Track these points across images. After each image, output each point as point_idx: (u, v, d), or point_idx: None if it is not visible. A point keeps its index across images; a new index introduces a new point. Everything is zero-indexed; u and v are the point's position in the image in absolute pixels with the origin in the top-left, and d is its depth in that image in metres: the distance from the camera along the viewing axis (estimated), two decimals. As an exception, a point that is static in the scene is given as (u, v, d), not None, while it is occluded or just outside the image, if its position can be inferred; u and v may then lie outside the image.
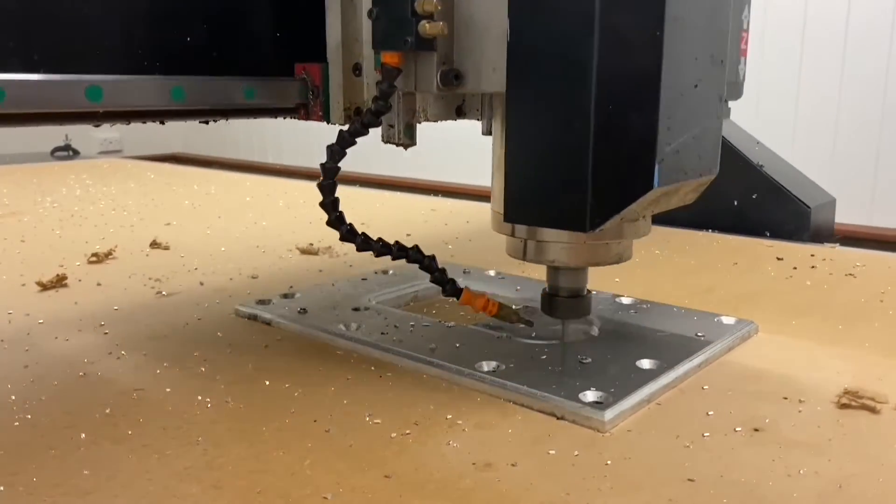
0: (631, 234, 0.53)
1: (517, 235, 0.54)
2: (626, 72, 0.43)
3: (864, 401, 0.49)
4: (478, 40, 0.49)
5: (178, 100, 0.52)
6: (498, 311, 0.59)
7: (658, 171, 0.44)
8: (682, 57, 0.44)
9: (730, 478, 0.41)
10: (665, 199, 0.48)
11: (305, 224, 1.12)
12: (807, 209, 1.04)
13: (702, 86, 0.47)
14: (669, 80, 0.43)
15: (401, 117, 0.52)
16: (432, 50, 0.48)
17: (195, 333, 0.63)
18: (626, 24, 0.43)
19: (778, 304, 0.73)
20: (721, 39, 0.49)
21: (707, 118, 0.48)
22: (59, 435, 0.45)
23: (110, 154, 3.37)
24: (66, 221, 1.15)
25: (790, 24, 2.16)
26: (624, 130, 0.44)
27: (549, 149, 0.46)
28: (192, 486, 0.40)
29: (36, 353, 0.59)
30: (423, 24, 0.47)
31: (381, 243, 0.56)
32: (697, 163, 0.48)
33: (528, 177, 0.47)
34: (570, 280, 0.56)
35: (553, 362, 0.54)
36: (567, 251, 0.52)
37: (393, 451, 0.43)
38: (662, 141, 0.44)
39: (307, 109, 0.57)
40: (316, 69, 0.55)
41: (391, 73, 0.49)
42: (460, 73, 0.50)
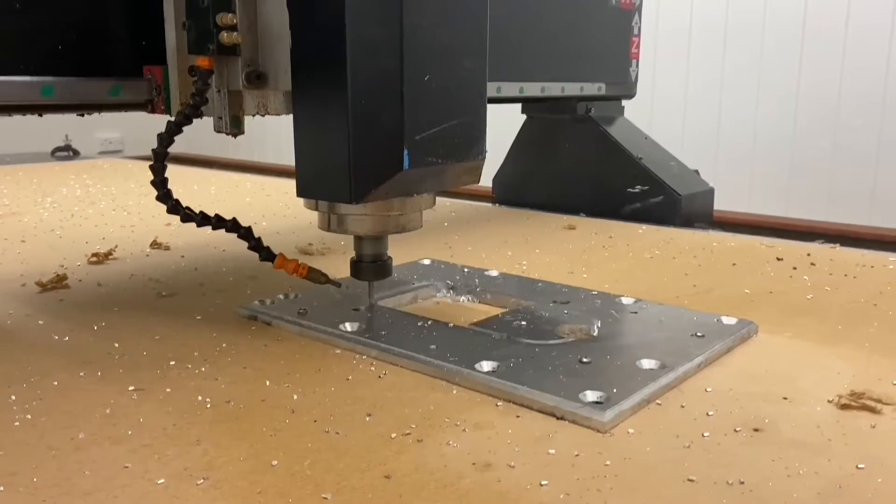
0: (415, 206, 0.63)
1: (320, 210, 0.63)
2: (376, 73, 0.54)
3: (864, 401, 0.49)
4: (275, 47, 0.58)
5: (46, 96, 0.63)
6: (308, 273, 0.66)
7: (408, 155, 0.55)
8: (427, 62, 0.55)
9: (730, 478, 0.41)
10: (433, 179, 0.59)
11: (305, 224, 1.12)
12: (678, 196, 1.16)
13: (456, 85, 0.58)
14: (412, 80, 0.54)
15: (227, 111, 0.61)
16: (236, 55, 0.58)
17: (195, 333, 0.63)
18: (373, 34, 0.53)
19: (778, 304, 0.73)
20: (475, 46, 0.59)
21: (464, 113, 0.59)
22: (59, 435, 0.45)
23: (110, 154, 3.36)
24: (66, 221, 1.15)
25: (790, 23, 2.16)
26: (378, 122, 0.55)
27: (321, 136, 0.56)
28: (192, 487, 0.40)
29: (36, 353, 0.59)
30: (223, 34, 0.57)
31: (201, 215, 0.65)
32: (456, 150, 0.59)
33: (310, 160, 0.58)
34: (372, 247, 0.65)
35: (553, 362, 0.54)
36: (360, 222, 0.62)
37: (393, 451, 0.43)
38: (410, 130, 0.55)
39: (153, 104, 0.67)
40: (158, 70, 0.65)
41: (204, 74, 0.58)
42: (262, 73, 0.59)
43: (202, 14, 0.58)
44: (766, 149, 2.23)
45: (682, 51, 2.35)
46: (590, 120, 1.25)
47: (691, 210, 1.18)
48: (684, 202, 1.16)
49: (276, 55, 0.58)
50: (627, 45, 1.26)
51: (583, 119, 1.25)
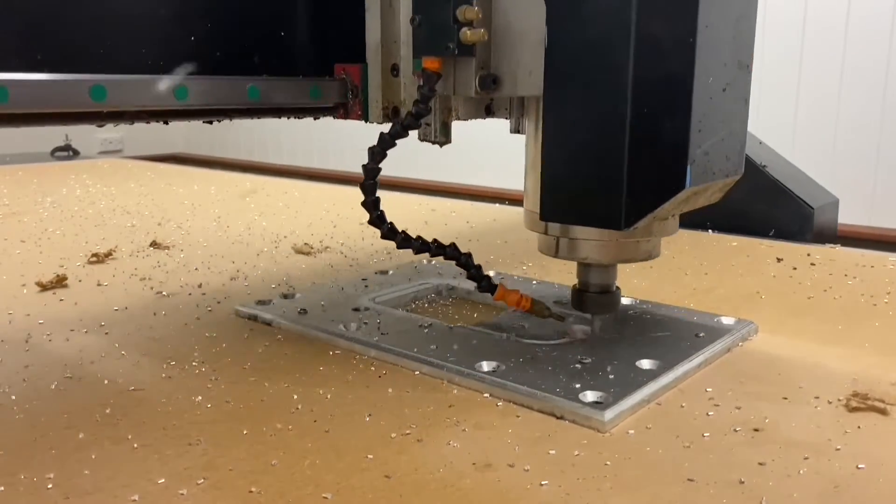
0: (660, 231, 0.54)
1: (550, 233, 0.55)
2: (660, 77, 0.45)
3: (872, 402, 0.49)
4: (515, 46, 0.51)
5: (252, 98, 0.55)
6: (531, 307, 0.61)
7: (690, 171, 0.46)
8: (712, 63, 0.46)
9: (730, 478, 0.41)
10: (694, 199, 0.51)
11: (305, 224, 1.12)
12: (810, 210, 1.04)
13: (730, 90, 0.49)
14: (701, 85, 0.45)
15: (437, 117, 0.54)
16: (472, 56, 0.50)
17: (195, 333, 0.63)
18: (661, 32, 0.45)
19: (778, 304, 0.73)
20: (747, 45, 0.51)
21: (734, 121, 0.50)
22: (59, 435, 0.45)
23: (110, 154, 3.37)
24: (66, 221, 1.15)
25: (790, 23, 2.16)
26: (658, 133, 0.46)
27: (585, 150, 0.47)
28: (192, 487, 0.40)
29: (36, 353, 0.59)
30: (465, 31, 0.49)
31: (419, 241, 0.58)
32: (725, 163, 0.50)
33: (564, 177, 0.49)
34: (600, 276, 0.57)
35: (553, 362, 0.54)
36: (598, 248, 0.54)
37: (393, 451, 0.43)
38: (694, 143, 0.46)
39: (346, 109, 0.59)
40: (355, 70, 0.58)
41: (432, 78, 0.51)
42: (497, 77, 0.52)
43: (439, 7, 0.49)
44: (766, 149, 2.23)
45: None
46: None
47: (821, 223, 1.06)
48: (816, 215, 1.05)
49: (515, 54, 0.51)
50: None
51: None
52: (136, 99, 0.51)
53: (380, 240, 0.57)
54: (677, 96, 0.45)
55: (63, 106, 0.48)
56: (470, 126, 0.60)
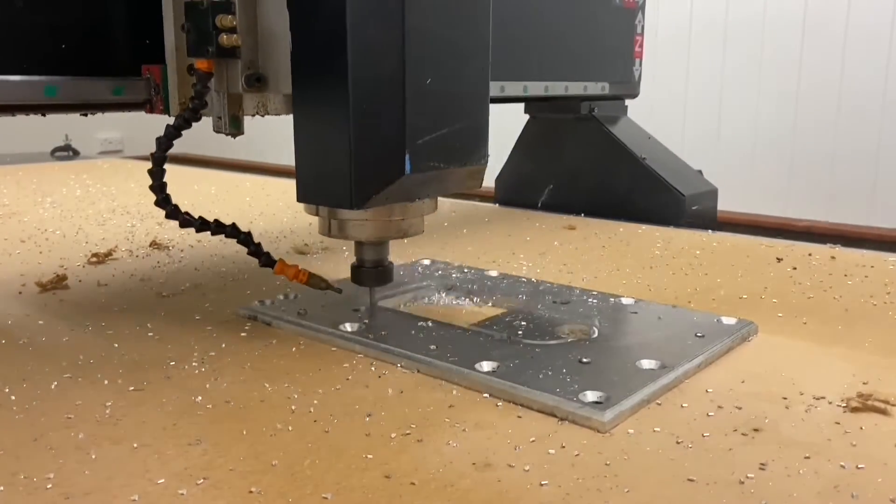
0: (416, 211, 0.62)
1: (320, 215, 0.62)
2: (377, 77, 0.53)
3: (873, 402, 0.49)
4: (275, 49, 0.57)
5: (49, 96, 0.63)
6: (308, 279, 0.65)
7: (409, 160, 0.54)
8: (430, 63, 0.54)
9: (730, 478, 0.41)
10: (436, 184, 0.58)
11: (305, 224, 1.12)
12: (681, 196, 1.16)
13: (459, 89, 0.57)
14: (415, 84, 0.53)
15: (226, 111, 0.60)
16: (236, 57, 0.57)
17: (195, 333, 0.63)
18: (374, 38, 0.52)
19: (778, 304, 0.73)
20: (479, 48, 0.58)
21: (467, 116, 0.58)
22: (59, 435, 0.45)
23: (110, 154, 3.36)
24: (66, 221, 1.15)
25: (790, 23, 2.16)
26: (379, 126, 0.54)
27: (322, 141, 0.55)
28: (192, 487, 0.40)
29: (35, 353, 0.59)
30: (222, 36, 0.56)
31: (200, 220, 0.65)
32: (460, 153, 0.58)
33: (309, 164, 0.57)
34: (373, 253, 0.64)
35: (553, 362, 0.54)
36: (361, 227, 0.61)
37: (393, 451, 0.43)
38: (412, 135, 0.54)
39: (152, 104, 0.66)
40: (157, 70, 0.64)
41: (203, 77, 0.58)
42: (262, 76, 0.58)
43: (201, 16, 0.57)
44: (766, 149, 2.23)
45: (683, 51, 2.35)
46: (593, 120, 1.24)
47: (695, 210, 1.18)
48: (688, 202, 1.16)
49: (276, 57, 0.57)
50: (631, 44, 1.25)
51: (586, 119, 1.25)
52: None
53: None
54: (393, 94, 0.53)
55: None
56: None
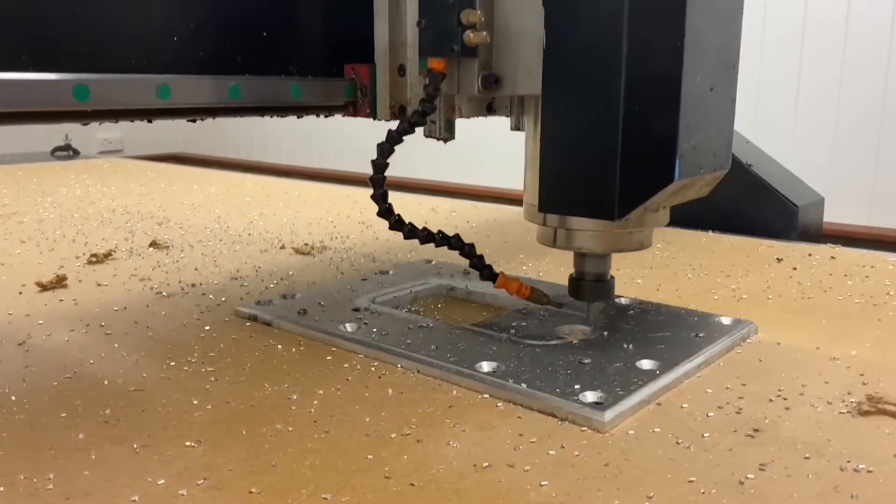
0: (651, 223, 0.57)
1: (548, 224, 0.58)
2: (651, 77, 0.48)
3: (882, 405, 0.48)
4: (515, 47, 0.54)
5: (234, 98, 0.56)
6: (530, 294, 0.63)
7: (678, 165, 0.49)
8: (699, 64, 0.49)
9: (730, 478, 0.41)
10: (683, 192, 0.53)
11: (305, 224, 1.12)
12: (794, 208, 1.06)
13: (717, 89, 0.52)
14: (689, 85, 0.48)
15: (442, 115, 0.57)
16: (475, 57, 0.53)
17: (195, 334, 0.63)
18: (651, 35, 0.48)
19: (778, 304, 0.73)
20: (734, 46, 0.54)
21: (721, 119, 0.54)
22: (59, 435, 0.45)
23: (110, 154, 3.37)
24: (66, 221, 1.15)
25: (790, 22, 2.16)
26: (649, 129, 0.49)
27: (581, 145, 0.51)
28: (192, 487, 0.40)
29: (36, 353, 0.59)
30: (468, 33, 0.52)
31: (425, 232, 0.61)
32: (712, 158, 0.53)
33: (561, 170, 0.52)
34: (595, 265, 0.60)
35: (553, 362, 0.54)
36: (593, 238, 0.57)
37: (393, 451, 0.43)
38: (682, 138, 0.49)
39: (356, 107, 0.62)
40: (364, 70, 0.60)
41: (437, 78, 0.54)
42: (499, 77, 0.54)
43: (444, 11, 0.53)
44: (766, 149, 2.23)
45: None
46: None
47: (806, 222, 1.08)
48: (801, 213, 1.06)
49: (515, 55, 0.54)
50: None
51: None
52: (118, 98, 0.52)
53: (379, 240, 0.57)
54: (667, 95, 0.48)
55: (46, 105, 0.49)
56: (469, 125, 0.62)
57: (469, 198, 1.41)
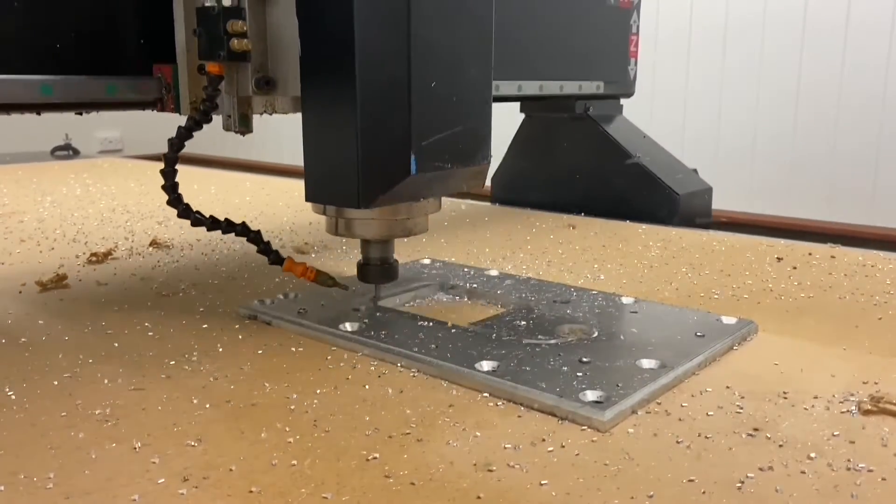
0: (418, 211, 0.63)
1: (328, 214, 0.64)
2: (383, 80, 0.55)
3: (884, 405, 0.48)
4: (285, 53, 0.59)
5: (46, 94, 0.63)
6: (315, 277, 0.67)
7: (414, 160, 0.55)
8: (434, 69, 0.56)
9: (730, 478, 0.41)
10: (440, 183, 0.60)
11: (305, 224, 1.12)
12: (676, 195, 1.17)
13: (461, 92, 0.59)
14: (420, 89, 0.55)
15: (236, 110, 0.62)
16: (246, 61, 0.59)
17: (195, 333, 0.63)
18: (380, 44, 0.54)
19: (778, 304, 0.73)
20: (481, 53, 0.60)
21: (470, 118, 0.60)
22: (59, 435, 0.45)
23: (110, 153, 3.36)
24: (65, 221, 1.15)
25: (790, 22, 2.16)
26: (385, 128, 0.55)
27: (330, 141, 0.57)
28: (192, 487, 0.40)
29: (35, 353, 0.59)
30: (233, 41, 0.58)
31: (211, 219, 0.65)
32: (461, 154, 0.59)
33: (318, 164, 0.58)
34: (378, 250, 0.66)
35: (553, 362, 0.54)
36: (368, 226, 0.63)
37: (393, 451, 0.43)
38: (417, 136, 0.55)
39: (163, 103, 0.67)
40: (168, 69, 0.65)
41: (214, 80, 0.59)
42: (272, 79, 0.60)
43: (213, 21, 0.58)
44: (766, 148, 2.23)
45: (682, 50, 2.35)
46: (588, 119, 1.25)
47: (690, 209, 1.19)
48: (682, 201, 1.17)
49: (285, 61, 0.59)
50: (626, 44, 1.26)
51: (581, 118, 1.25)
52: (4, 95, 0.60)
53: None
54: (400, 97, 0.55)
55: None
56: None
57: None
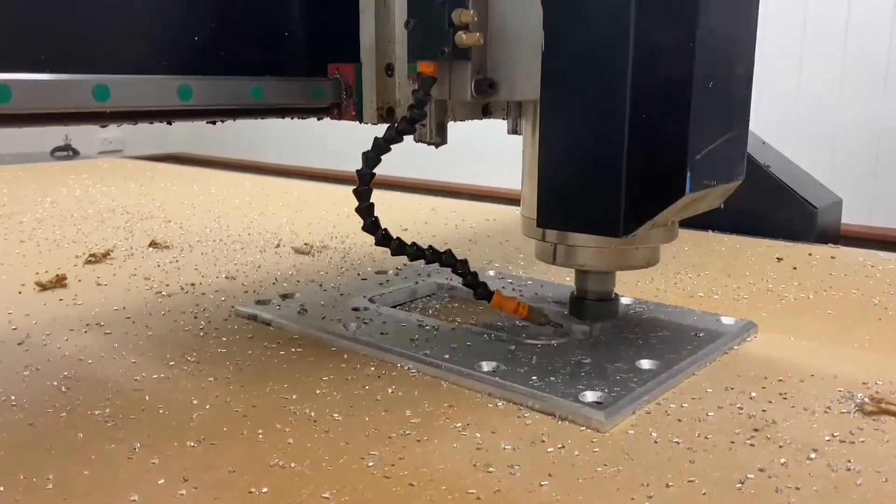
0: (659, 238, 0.53)
1: (547, 240, 0.54)
2: (659, 82, 0.44)
3: (885, 405, 0.48)
4: (511, 50, 0.49)
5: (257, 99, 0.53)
6: (529, 314, 0.59)
7: (690, 178, 0.45)
8: (712, 66, 0.46)
9: (730, 478, 0.41)
10: (694, 205, 0.49)
11: (305, 224, 1.12)
12: (813, 209, 1.04)
13: (730, 94, 0.48)
14: (700, 90, 0.44)
15: (433, 118, 0.54)
16: (467, 59, 0.49)
17: (195, 333, 0.63)
18: (660, 36, 0.44)
19: (778, 304, 0.73)
20: (748, 50, 0.50)
21: (735, 126, 0.49)
22: (59, 435, 0.45)
23: (110, 154, 3.36)
24: (65, 221, 1.15)
25: (790, 23, 2.16)
26: (657, 138, 0.45)
27: (583, 156, 0.47)
28: (191, 487, 0.40)
29: (35, 353, 0.59)
30: (460, 34, 0.48)
31: (414, 247, 0.56)
32: (726, 169, 0.49)
33: (561, 183, 0.48)
34: (599, 283, 0.57)
35: (553, 362, 0.54)
36: (596, 255, 0.53)
37: (393, 451, 0.43)
38: (694, 148, 0.45)
39: (340, 109, 0.58)
40: (349, 69, 0.56)
41: (427, 82, 0.50)
42: (494, 81, 0.51)
43: (434, 11, 0.48)
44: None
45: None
46: None
47: (825, 223, 1.06)
48: (820, 215, 1.04)
49: (511, 58, 0.50)
50: None
51: None
52: (139, 99, 0.50)
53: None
54: (676, 101, 0.44)
55: (66, 106, 0.47)
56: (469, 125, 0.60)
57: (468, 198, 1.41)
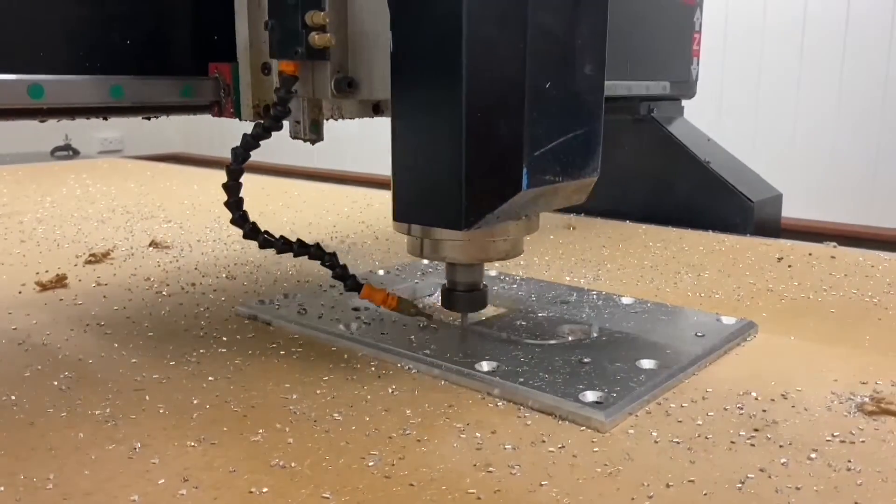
0: (518, 231, 0.56)
1: (413, 234, 0.57)
2: (493, 81, 0.46)
3: (886, 405, 0.48)
4: (369, 50, 0.52)
5: (116, 97, 0.56)
6: (397, 305, 0.61)
7: (526, 174, 0.47)
8: (549, 67, 0.48)
9: (730, 478, 0.41)
10: (545, 199, 0.52)
11: (305, 224, 1.12)
12: (750, 203, 1.08)
13: (577, 94, 0.50)
14: (534, 90, 0.47)
15: (306, 115, 0.55)
16: (325, 59, 0.51)
17: (195, 333, 0.63)
18: (492, 37, 0.46)
19: (778, 304, 0.73)
20: (597, 49, 0.52)
21: (582, 124, 0.51)
22: (59, 435, 0.45)
23: (110, 154, 3.36)
24: (65, 221, 1.15)
25: (790, 23, 2.16)
26: (494, 136, 0.47)
27: (428, 153, 0.49)
28: (191, 487, 0.40)
29: (35, 353, 0.59)
30: (313, 35, 0.50)
31: (282, 241, 0.59)
32: (572, 166, 0.51)
33: (412, 179, 0.51)
34: (467, 275, 0.59)
35: (553, 362, 0.54)
36: (458, 248, 0.56)
37: (393, 451, 0.43)
38: (530, 146, 0.47)
39: (220, 107, 0.60)
40: (227, 68, 0.58)
41: (288, 81, 0.52)
42: (354, 80, 0.53)
43: (289, 12, 0.50)
44: (767, 149, 2.23)
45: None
46: (652, 121, 1.16)
47: (762, 217, 1.10)
48: (756, 209, 1.08)
49: (369, 59, 0.52)
50: (690, 42, 1.19)
51: (644, 120, 1.16)
52: None
53: (379, 240, 0.57)
54: (511, 101, 0.46)
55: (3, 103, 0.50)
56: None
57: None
